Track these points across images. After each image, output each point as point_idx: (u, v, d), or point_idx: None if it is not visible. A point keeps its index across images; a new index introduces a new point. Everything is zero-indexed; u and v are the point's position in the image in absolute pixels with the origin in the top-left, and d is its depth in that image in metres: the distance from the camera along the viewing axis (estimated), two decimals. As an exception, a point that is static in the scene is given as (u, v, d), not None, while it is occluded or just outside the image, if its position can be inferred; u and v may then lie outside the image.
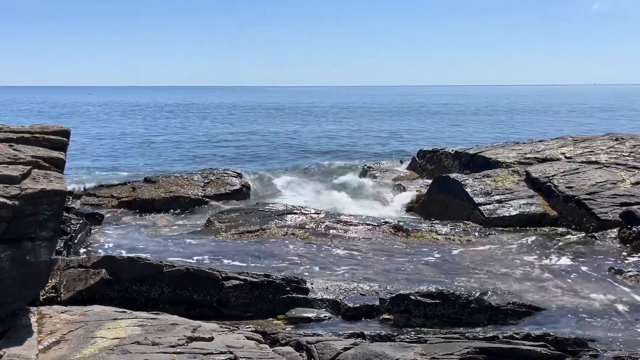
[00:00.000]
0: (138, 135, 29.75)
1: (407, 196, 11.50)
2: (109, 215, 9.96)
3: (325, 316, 5.53)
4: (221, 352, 3.87)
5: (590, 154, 11.18)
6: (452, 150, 13.12)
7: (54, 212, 4.16)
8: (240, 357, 3.83)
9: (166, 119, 44.66)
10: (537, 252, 7.71)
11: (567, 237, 8.40)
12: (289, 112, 55.44)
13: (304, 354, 4.35)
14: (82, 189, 11.76)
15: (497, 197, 9.58)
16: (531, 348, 4.62)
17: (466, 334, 4.94)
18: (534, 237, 8.37)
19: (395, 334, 4.97)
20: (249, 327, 5.05)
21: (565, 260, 7.33)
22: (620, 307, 5.82)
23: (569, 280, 6.62)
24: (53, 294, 5.37)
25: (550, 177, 9.86)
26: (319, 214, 9.69)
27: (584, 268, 7.03)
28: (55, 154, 4.93)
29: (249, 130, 33.61)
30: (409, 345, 4.42)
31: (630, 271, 6.79)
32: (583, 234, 8.40)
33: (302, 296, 5.84)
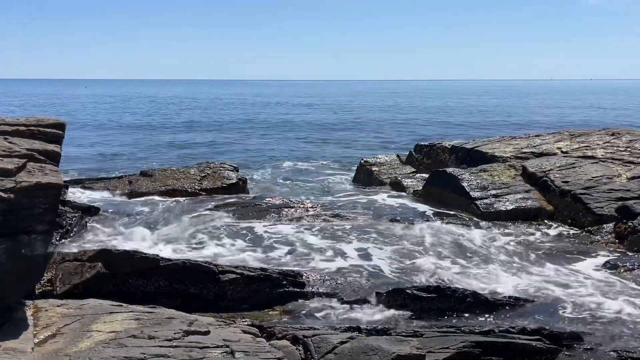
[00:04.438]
0: (130, 129, 29.66)
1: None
2: (105, 208, 9.90)
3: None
4: (217, 346, 3.87)
5: (587, 149, 11.20)
6: (449, 145, 13.11)
7: (50, 205, 4.14)
8: (237, 351, 3.83)
9: (160, 111, 44.55)
10: (533, 246, 7.73)
11: (563, 231, 8.42)
12: (278, 106, 55.34)
13: (300, 348, 4.36)
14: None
15: (493, 192, 9.59)
16: (527, 342, 4.64)
17: (462, 328, 4.96)
18: (529, 231, 8.39)
19: (392, 327, 4.98)
20: (246, 321, 5.06)
21: (560, 255, 7.35)
22: (615, 301, 5.85)
23: (564, 274, 6.65)
24: (49, 288, 5.36)
25: (547, 172, 9.88)
26: (316, 207, 9.71)
27: (579, 262, 7.05)
28: (51, 146, 4.91)
29: (244, 124, 33.56)
30: (405, 339, 4.43)
31: (625, 266, 6.83)
32: (579, 229, 8.43)
33: (298, 290, 5.85)
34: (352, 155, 18.97)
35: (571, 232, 8.37)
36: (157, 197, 10.62)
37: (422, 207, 10.14)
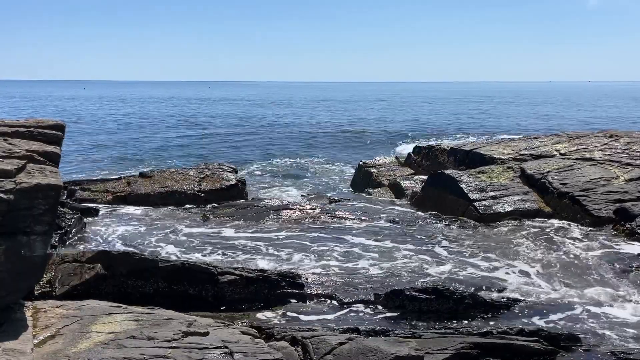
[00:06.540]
0: (129, 129, 29.66)
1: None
2: (104, 209, 9.92)
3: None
4: (216, 347, 3.88)
5: (585, 151, 11.24)
6: (448, 147, 13.15)
7: (49, 206, 4.15)
8: (236, 352, 3.84)
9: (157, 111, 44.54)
10: (531, 247, 7.75)
11: (561, 233, 8.43)
12: (273, 105, 55.35)
13: (299, 349, 4.37)
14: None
15: (492, 193, 9.61)
16: (525, 343, 4.65)
17: (460, 329, 4.97)
18: (527, 233, 8.40)
19: (390, 329, 4.99)
20: (245, 322, 5.06)
21: (558, 257, 7.36)
22: (613, 303, 5.87)
23: (562, 276, 6.66)
24: (48, 289, 5.36)
25: (545, 174, 9.90)
26: (315, 209, 9.72)
27: (577, 264, 7.07)
28: (50, 148, 4.91)
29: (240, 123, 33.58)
30: (404, 340, 4.44)
31: (622, 267, 6.85)
32: (576, 230, 8.44)
33: (297, 291, 5.86)
34: (350, 156, 19.00)
35: (568, 233, 8.38)
36: (156, 199, 10.63)
37: (420, 208, 10.18)
